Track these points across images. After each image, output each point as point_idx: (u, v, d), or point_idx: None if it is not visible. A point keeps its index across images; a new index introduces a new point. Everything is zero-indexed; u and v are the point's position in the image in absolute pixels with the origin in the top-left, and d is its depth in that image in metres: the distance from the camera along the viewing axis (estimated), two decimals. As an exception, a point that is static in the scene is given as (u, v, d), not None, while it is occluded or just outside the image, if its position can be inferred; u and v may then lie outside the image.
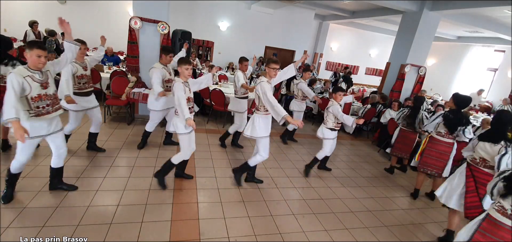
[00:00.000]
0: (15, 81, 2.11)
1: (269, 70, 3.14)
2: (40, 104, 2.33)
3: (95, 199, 2.77)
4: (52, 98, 2.42)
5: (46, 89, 2.36)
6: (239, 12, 10.22)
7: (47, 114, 2.39)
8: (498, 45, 10.38)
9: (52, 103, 2.42)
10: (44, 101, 2.34)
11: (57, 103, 2.50)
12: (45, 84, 2.35)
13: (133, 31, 4.79)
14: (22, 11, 8.20)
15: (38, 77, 2.29)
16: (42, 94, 2.32)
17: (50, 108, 2.40)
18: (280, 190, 3.57)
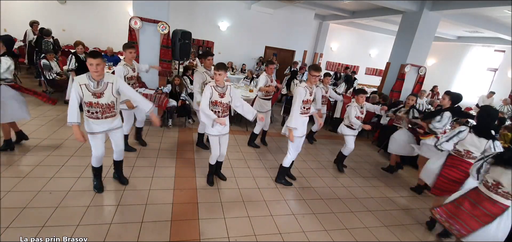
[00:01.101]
0: (74, 88, 2.43)
1: (310, 77, 3.22)
2: (91, 109, 2.55)
3: (95, 199, 2.77)
4: (103, 107, 2.56)
5: (99, 98, 2.53)
6: (239, 12, 10.22)
7: (97, 119, 2.58)
8: (498, 45, 10.38)
9: (102, 111, 2.57)
10: (94, 108, 2.54)
11: (109, 111, 2.62)
12: (98, 94, 2.51)
13: (133, 31, 4.78)
14: (22, 11, 8.19)
15: (92, 87, 2.48)
16: (94, 102, 2.51)
17: (99, 114, 2.58)
18: (280, 190, 3.57)
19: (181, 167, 3.75)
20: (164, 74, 5.29)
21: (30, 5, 8.33)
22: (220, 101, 3.01)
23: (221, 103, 3.04)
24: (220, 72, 2.90)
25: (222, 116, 3.06)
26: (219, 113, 3.03)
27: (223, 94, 3.03)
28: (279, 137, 5.52)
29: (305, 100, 3.28)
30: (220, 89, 3.01)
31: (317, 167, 4.49)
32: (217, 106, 3.03)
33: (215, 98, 2.99)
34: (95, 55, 2.39)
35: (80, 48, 5.24)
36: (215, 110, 3.02)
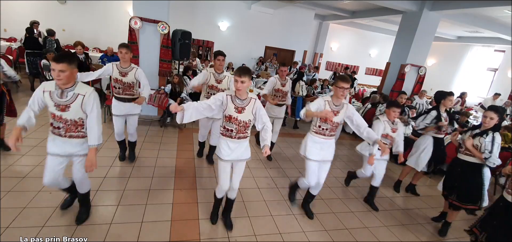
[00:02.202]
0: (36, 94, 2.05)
1: (336, 90, 2.58)
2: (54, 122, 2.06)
3: (95, 199, 2.77)
4: (68, 123, 2.04)
5: (63, 111, 2.00)
6: (239, 12, 10.22)
7: (59, 136, 2.07)
8: (498, 45, 10.38)
9: (66, 128, 2.05)
10: (57, 122, 2.03)
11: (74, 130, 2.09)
12: (63, 106, 1.99)
13: (133, 31, 4.78)
14: (22, 11, 8.20)
15: (56, 96, 1.98)
16: (57, 115, 2.01)
17: (62, 131, 2.05)
18: (280, 190, 3.57)
19: (181, 167, 3.75)
20: (164, 74, 5.29)
21: (30, 5, 8.33)
22: (236, 117, 2.24)
23: (238, 121, 2.25)
24: (243, 79, 2.13)
25: (235, 137, 2.30)
26: (232, 132, 2.28)
27: (243, 109, 2.25)
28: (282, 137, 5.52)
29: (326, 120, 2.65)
30: (239, 102, 2.25)
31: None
32: (232, 123, 2.26)
33: (230, 112, 2.24)
34: (59, 60, 1.86)
35: (79, 48, 5.24)
36: (228, 127, 2.27)
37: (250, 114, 2.29)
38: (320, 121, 2.69)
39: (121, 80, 3.10)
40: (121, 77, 3.09)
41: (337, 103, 2.66)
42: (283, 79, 4.09)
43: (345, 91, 2.53)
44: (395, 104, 3.19)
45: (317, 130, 2.76)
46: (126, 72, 3.11)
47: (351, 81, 8.43)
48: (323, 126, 2.72)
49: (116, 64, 3.09)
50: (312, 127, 2.79)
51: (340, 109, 2.67)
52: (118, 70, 3.08)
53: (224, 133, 2.31)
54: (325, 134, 2.75)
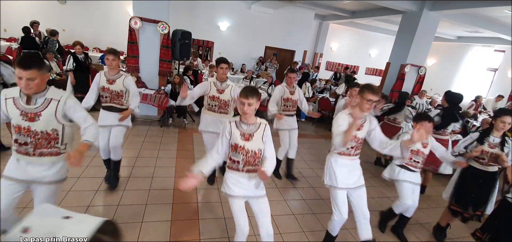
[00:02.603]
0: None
1: (361, 102, 2.13)
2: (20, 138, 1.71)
3: (95, 199, 2.77)
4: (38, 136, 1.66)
5: (32, 122, 1.63)
6: (239, 12, 10.22)
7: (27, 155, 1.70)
8: (498, 45, 10.38)
9: (35, 144, 1.67)
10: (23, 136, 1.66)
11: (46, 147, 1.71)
12: (31, 114, 1.62)
13: (133, 31, 4.79)
14: (22, 11, 8.20)
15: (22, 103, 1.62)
16: (23, 127, 1.64)
17: (30, 148, 1.67)
18: (280, 190, 3.57)
19: (181, 167, 3.75)
20: (164, 74, 5.29)
21: (30, 5, 8.33)
22: (243, 146, 1.88)
23: (245, 150, 1.89)
24: (250, 101, 1.79)
25: (243, 170, 1.93)
26: (238, 164, 1.91)
27: (251, 136, 1.89)
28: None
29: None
30: (245, 127, 1.89)
31: (318, 167, 4.49)
32: (238, 154, 1.89)
33: (235, 140, 1.88)
34: (27, 65, 1.50)
35: (78, 48, 5.24)
36: (235, 159, 1.91)
37: (260, 141, 1.91)
38: None
39: (109, 88, 2.79)
40: (108, 85, 2.78)
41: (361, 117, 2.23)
42: (291, 86, 3.59)
43: (373, 104, 2.10)
44: (426, 117, 2.65)
45: (341, 151, 2.29)
46: (114, 80, 2.80)
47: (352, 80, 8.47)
48: (348, 144, 2.25)
49: (104, 71, 2.84)
50: (333, 148, 2.33)
51: (364, 123, 2.27)
52: (106, 78, 2.79)
53: (230, 166, 1.98)
54: (350, 153, 2.30)
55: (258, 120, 1.95)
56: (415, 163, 2.73)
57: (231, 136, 1.90)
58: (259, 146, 1.91)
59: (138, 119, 5.33)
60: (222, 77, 3.05)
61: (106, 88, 2.80)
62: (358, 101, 2.19)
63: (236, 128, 1.90)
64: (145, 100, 4.80)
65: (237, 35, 10.49)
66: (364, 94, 2.11)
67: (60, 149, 1.76)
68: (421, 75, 7.24)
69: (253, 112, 1.85)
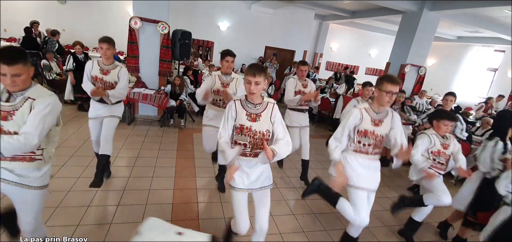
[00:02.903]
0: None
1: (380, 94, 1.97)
2: None
3: (95, 199, 2.77)
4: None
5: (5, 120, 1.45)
6: (239, 12, 10.22)
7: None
8: (498, 45, 10.38)
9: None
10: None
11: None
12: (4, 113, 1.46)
13: (133, 31, 4.79)
14: (22, 11, 8.19)
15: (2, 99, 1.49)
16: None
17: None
18: (280, 190, 3.56)
19: (181, 167, 3.75)
20: (164, 74, 5.30)
21: (30, 5, 8.33)
22: (249, 127, 1.75)
23: (252, 131, 1.76)
24: (257, 80, 1.67)
25: (251, 154, 1.80)
26: (245, 147, 1.78)
27: (258, 116, 1.76)
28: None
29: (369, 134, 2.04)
30: (251, 107, 1.77)
31: (318, 167, 4.49)
32: (245, 136, 1.76)
33: (241, 121, 1.75)
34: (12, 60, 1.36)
35: (78, 48, 5.24)
36: (241, 141, 1.77)
37: (268, 122, 1.77)
38: (359, 134, 2.07)
39: (102, 79, 2.64)
40: (102, 75, 2.63)
41: (379, 110, 2.05)
42: (303, 79, 3.42)
43: (394, 97, 1.94)
44: (447, 115, 2.50)
45: (357, 148, 2.10)
46: (108, 70, 2.66)
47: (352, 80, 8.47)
48: (363, 141, 2.06)
49: (97, 60, 2.68)
50: (349, 144, 2.14)
51: (384, 118, 2.06)
52: (99, 67, 2.63)
53: None
54: (368, 151, 2.09)
55: (265, 99, 1.82)
56: (440, 165, 2.52)
57: (237, 117, 1.75)
58: (267, 127, 1.77)
59: (138, 119, 5.33)
60: (227, 70, 2.84)
61: (99, 78, 2.64)
62: (376, 95, 2.02)
63: (242, 108, 1.76)
64: (145, 100, 4.80)
65: (237, 35, 10.49)
66: (382, 85, 1.94)
67: (35, 155, 1.57)
68: (421, 75, 7.25)
69: (260, 91, 1.73)
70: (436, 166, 2.55)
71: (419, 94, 6.84)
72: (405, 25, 7.00)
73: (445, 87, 12.21)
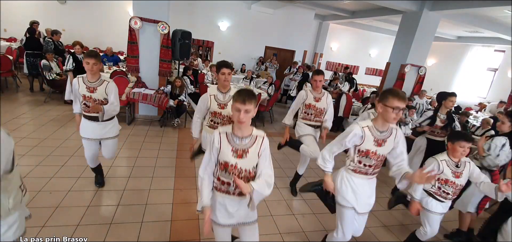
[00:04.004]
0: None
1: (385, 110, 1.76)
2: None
3: (95, 199, 2.77)
4: None
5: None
6: (239, 12, 10.22)
7: None
8: (498, 45, 10.38)
9: None
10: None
11: None
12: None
13: (133, 31, 4.79)
14: (22, 11, 8.20)
15: None
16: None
17: None
18: (280, 190, 3.56)
19: (181, 167, 3.75)
20: (164, 74, 5.30)
21: (30, 5, 8.34)
22: (235, 164, 1.55)
23: (238, 169, 1.56)
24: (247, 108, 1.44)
25: (235, 194, 1.63)
26: (229, 186, 1.60)
27: (245, 153, 1.56)
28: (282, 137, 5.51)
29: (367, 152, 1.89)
30: (238, 142, 1.56)
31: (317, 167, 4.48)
32: (228, 174, 1.57)
33: (226, 157, 1.55)
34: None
35: (77, 48, 5.24)
36: (225, 180, 1.59)
37: (256, 157, 1.57)
38: (360, 154, 1.92)
39: (90, 97, 2.49)
40: (90, 94, 2.48)
41: (383, 129, 1.86)
42: (318, 92, 3.04)
43: (400, 113, 1.72)
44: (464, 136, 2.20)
45: (356, 168, 1.97)
46: (95, 88, 2.49)
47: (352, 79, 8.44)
48: (364, 161, 1.93)
49: (82, 77, 2.50)
50: (348, 163, 2.01)
51: (388, 137, 1.89)
52: (85, 85, 2.47)
53: (219, 188, 1.62)
54: (367, 172, 1.97)
55: (254, 131, 1.59)
56: (445, 194, 2.31)
57: (220, 152, 1.55)
58: (254, 163, 1.58)
59: (138, 119, 5.33)
60: (224, 84, 2.41)
61: (87, 96, 2.49)
62: (380, 111, 1.80)
63: (227, 143, 1.54)
64: (145, 100, 4.80)
65: (237, 35, 10.49)
66: (387, 101, 1.72)
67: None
68: (421, 75, 7.25)
69: (249, 120, 1.50)
70: (439, 193, 2.34)
71: (419, 94, 6.84)
72: (405, 25, 7.00)
73: (445, 87, 12.21)
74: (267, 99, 6.29)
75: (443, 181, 2.30)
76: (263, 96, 6.12)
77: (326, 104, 3.11)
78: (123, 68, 6.42)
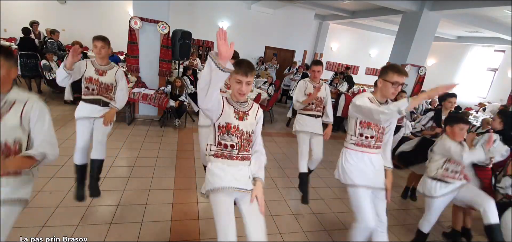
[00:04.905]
0: None
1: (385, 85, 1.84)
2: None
3: (95, 199, 2.77)
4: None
5: None
6: (239, 12, 10.22)
7: None
8: (498, 45, 10.38)
9: None
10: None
11: None
12: None
13: (133, 31, 4.79)
14: (22, 11, 8.19)
15: None
16: None
17: None
18: (280, 190, 3.56)
19: (181, 167, 3.75)
20: (164, 74, 5.30)
21: (30, 5, 8.33)
22: (237, 126, 1.57)
23: (240, 131, 1.59)
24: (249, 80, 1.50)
25: (237, 157, 1.61)
26: (232, 149, 1.59)
27: (245, 115, 1.61)
28: (282, 137, 5.51)
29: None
30: (239, 105, 1.61)
31: (317, 167, 4.48)
32: (232, 136, 1.57)
33: (228, 119, 1.56)
34: None
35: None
36: (228, 142, 1.57)
37: (254, 121, 1.64)
38: (361, 126, 1.95)
39: (98, 80, 2.45)
40: (97, 76, 2.45)
41: (382, 101, 1.91)
42: (317, 81, 3.05)
43: (399, 88, 1.80)
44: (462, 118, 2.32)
45: (357, 141, 1.97)
46: (105, 71, 2.48)
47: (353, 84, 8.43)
48: (366, 133, 1.94)
49: (92, 60, 2.49)
50: (349, 138, 2.02)
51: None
52: (94, 68, 2.45)
53: (220, 153, 1.58)
54: (370, 145, 1.96)
55: (249, 99, 1.69)
56: (454, 174, 2.38)
57: (223, 113, 1.54)
58: (252, 127, 1.63)
59: (138, 119, 5.33)
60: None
61: (95, 79, 2.45)
62: (380, 85, 1.86)
63: (229, 105, 1.58)
64: (145, 100, 4.80)
65: (237, 35, 10.48)
66: (387, 75, 1.79)
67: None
68: (421, 75, 7.25)
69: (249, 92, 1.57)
70: (448, 175, 2.40)
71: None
72: (405, 25, 7.00)
73: (445, 87, 12.18)
74: (267, 99, 6.30)
75: (452, 161, 2.37)
76: (263, 96, 6.11)
77: (325, 93, 3.13)
78: (123, 68, 6.42)
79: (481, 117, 7.27)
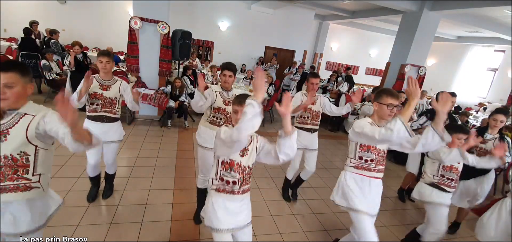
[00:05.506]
0: None
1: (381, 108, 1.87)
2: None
3: (95, 199, 2.77)
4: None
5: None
6: (239, 12, 10.22)
7: None
8: (498, 45, 10.39)
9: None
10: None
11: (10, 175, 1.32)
12: None
13: (133, 31, 4.79)
14: (22, 11, 8.19)
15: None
16: None
17: None
18: (280, 190, 3.56)
19: (181, 167, 3.75)
20: (164, 74, 5.30)
21: (30, 5, 8.34)
22: (239, 163, 1.56)
23: (241, 167, 1.58)
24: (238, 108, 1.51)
25: (239, 192, 1.60)
26: (234, 185, 1.58)
27: (246, 150, 1.59)
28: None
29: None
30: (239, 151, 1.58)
31: (317, 167, 4.48)
32: (233, 172, 1.56)
33: (231, 156, 1.56)
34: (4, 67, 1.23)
35: (77, 48, 5.23)
36: (230, 179, 1.57)
37: (254, 155, 1.62)
38: (361, 149, 1.94)
39: (102, 95, 2.45)
40: (102, 91, 2.45)
41: (379, 124, 1.92)
42: (313, 95, 2.89)
43: (394, 110, 1.83)
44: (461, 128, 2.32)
45: (357, 164, 1.97)
46: (109, 86, 2.48)
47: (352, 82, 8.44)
48: (366, 156, 1.94)
49: (95, 76, 2.46)
50: (349, 161, 2.01)
51: None
52: (98, 83, 2.44)
53: (222, 188, 1.58)
54: (370, 168, 1.95)
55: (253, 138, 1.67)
56: (449, 182, 2.33)
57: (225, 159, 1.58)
58: (252, 160, 1.62)
59: (138, 119, 5.33)
60: (225, 86, 2.47)
61: (99, 94, 2.44)
62: (376, 109, 1.91)
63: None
64: (145, 100, 4.80)
65: (237, 35, 10.49)
66: (382, 99, 1.86)
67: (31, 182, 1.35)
68: (421, 75, 7.25)
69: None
70: (443, 183, 2.34)
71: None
72: (405, 25, 7.00)
73: (445, 87, 12.21)
74: (267, 99, 6.30)
75: (447, 168, 2.34)
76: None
77: (321, 107, 3.05)
78: (123, 68, 6.42)
79: (481, 117, 7.27)
